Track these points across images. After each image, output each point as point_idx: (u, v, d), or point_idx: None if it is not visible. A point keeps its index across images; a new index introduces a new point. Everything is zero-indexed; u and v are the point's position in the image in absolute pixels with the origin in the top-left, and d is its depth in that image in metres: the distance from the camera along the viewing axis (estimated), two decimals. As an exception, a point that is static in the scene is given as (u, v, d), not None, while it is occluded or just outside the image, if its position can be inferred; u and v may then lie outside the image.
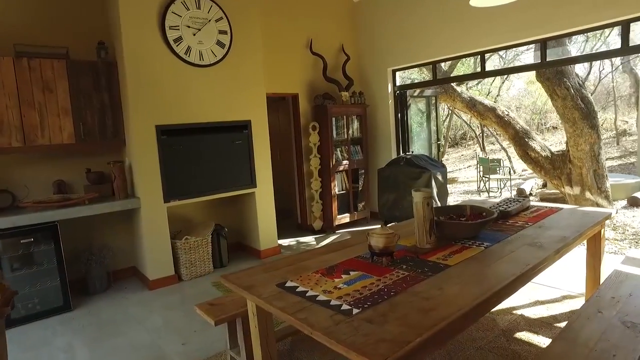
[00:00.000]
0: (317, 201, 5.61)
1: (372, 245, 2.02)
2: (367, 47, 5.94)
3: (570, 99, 5.12)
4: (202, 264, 4.21)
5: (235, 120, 4.35)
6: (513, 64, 11.29)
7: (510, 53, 11.29)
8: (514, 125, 6.11)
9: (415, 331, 1.36)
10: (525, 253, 2.05)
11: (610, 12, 3.61)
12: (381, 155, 6.03)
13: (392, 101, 5.85)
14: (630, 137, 13.78)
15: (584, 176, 5.43)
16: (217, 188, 4.24)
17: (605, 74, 13.34)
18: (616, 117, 14.04)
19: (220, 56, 4.16)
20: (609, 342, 1.78)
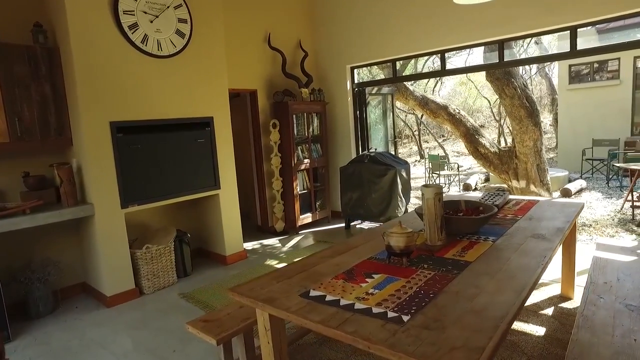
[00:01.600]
0: (279, 202, 5.41)
1: (392, 245, 1.92)
2: (325, 44, 5.85)
3: (517, 98, 5.46)
4: (166, 275, 3.82)
5: (197, 117, 4.01)
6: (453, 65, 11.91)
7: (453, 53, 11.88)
8: (465, 123, 6.40)
9: (482, 335, 1.28)
10: (534, 245, 2.08)
11: (559, 18, 3.88)
12: (341, 154, 5.98)
13: (351, 98, 5.82)
14: (546, 135, 15.26)
15: (528, 170, 5.83)
16: (179, 190, 3.88)
17: (526, 78, 14.61)
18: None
19: (180, 47, 3.81)
20: (623, 327, 1.86)
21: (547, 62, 8.50)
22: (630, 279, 2.36)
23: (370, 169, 5.11)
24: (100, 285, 3.53)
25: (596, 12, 3.69)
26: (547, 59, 5.12)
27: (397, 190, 4.99)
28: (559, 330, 2.59)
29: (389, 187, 5.00)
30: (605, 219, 5.44)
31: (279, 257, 4.52)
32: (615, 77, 8.70)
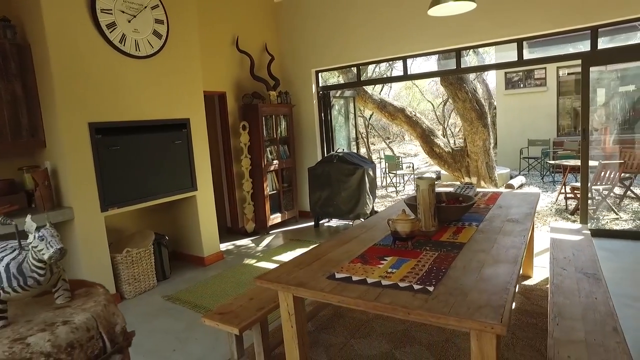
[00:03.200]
0: (249, 203, 5.47)
1: (399, 230, 2.14)
2: (290, 48, 6.01)
3: (469, 102, 6.00)
4: (146, 278, 3.76)
5: (174, 118, 4.00)
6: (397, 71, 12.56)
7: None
8: (421, 125, 6.87)
9: (498, 296, 1.52)
10: (512, 227, 2.41)
11: (508, 31, 4.38)
12: (307, 155, 6.16)
13: (316, 101, 6.03)
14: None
15: (479, 168, 6.41)
16: (158, 192, 3.84)
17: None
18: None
19: (157, 47, 3.78)
20: (585, 290, 2.23)
21: (498, 69, 9.30)
22: (582, 253, 2.79)
23: (339, 168, 5.34)
24: (79, 292, 3.40)
25: (538, 28, 4.21)
26: (500, 67, 5.68)
27: (366, 188, 5.27)
28: (526, 303, 2.97)
29: (358, 186, 5.27)
30: (545, 210, 6.12)
31: (256, 257, 4.59)
32: (543, 84, 9.73)
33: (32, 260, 1.29)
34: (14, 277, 1.27)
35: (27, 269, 1.29)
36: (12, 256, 1.30)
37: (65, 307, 1.39)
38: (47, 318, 1.30)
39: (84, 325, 1.26)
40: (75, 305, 1.39)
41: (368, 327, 2.81)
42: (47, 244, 1.27)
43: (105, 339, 1.29)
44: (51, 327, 1.23)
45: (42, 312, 1.36)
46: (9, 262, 1.29)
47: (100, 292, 1.49)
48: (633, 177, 5.91)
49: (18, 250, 1.32)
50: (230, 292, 3.61)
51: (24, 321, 1.29)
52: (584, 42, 4.09)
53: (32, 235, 1.29)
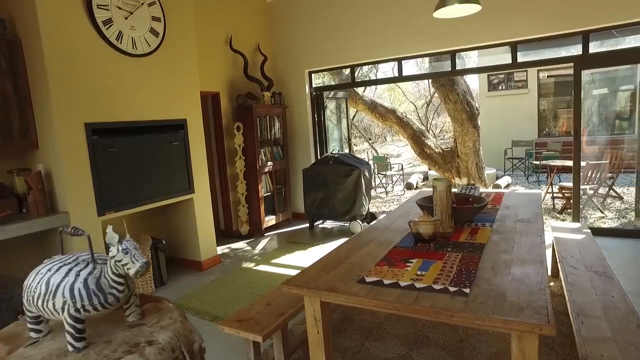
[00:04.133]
0: (244, 205, 5.38)
1: (422, 232, 2.12)
2: (283, 48, 5.95)
3: (460, 103, 6.08)
4: (144, 285, 3.63)
5: (171, 119, 3.88)
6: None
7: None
8: (412, 126, 6.93)
9: (536, 296, 1.53)
10: (526, 227, 2.44)
11: (503, 33, 4.46)
12: (300, 156, 6.11)
13: (309, 102, 5.99)
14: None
15: (469, 168, 6.51)
16: (155, 195, 3.71)
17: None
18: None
19: (154, 46, 3.66)
20: (600, 288, 2.27)
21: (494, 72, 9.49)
22: (588, 252, 2.85)
23: (335, 169, 5.32)
24: (74, 300, 3.24)
25: (532, 32, 4.31)
26: (495, 69, 5.76)
27: (362, 189, 5.26)
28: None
29: (354, 187, 5.25)
30: (532, 209, 6.27)
31: (253, 260, 4.51)
32: (524, 86, 10.00)
33: (112, 275, 1.19)
34: (94, 294, 1.16)
35: (105, 284, 1.18)
36: (88, 271, 1.19)
37: (139, 325, 1.29)
38: (126, 338, 1.21)
39: (169, 345, 1.18)
40: (151, 323, 1.30)
41: (381, 330, 2.79)
42: (132, 258, 1.17)
43: (187, 359, 1.21)
44: (137, 347, 1.14)
45: (117, 331, 1.26)
46: (86, 278, 1.17)
47: (171, 308, 1.40)
48: (615, 176, 6.13)
49: (92, 264, 1.21)
50: (233, 297, 3.52)
51: (103, 342, 1.20)
52: (576, 46, 4.20)
53: (114, 247, 1.18)
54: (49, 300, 1.14)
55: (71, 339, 1.14)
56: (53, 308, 1.14)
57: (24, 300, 1.21)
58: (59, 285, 1.14)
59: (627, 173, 7.37)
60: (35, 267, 1.24)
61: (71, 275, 1.17)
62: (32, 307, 1.19)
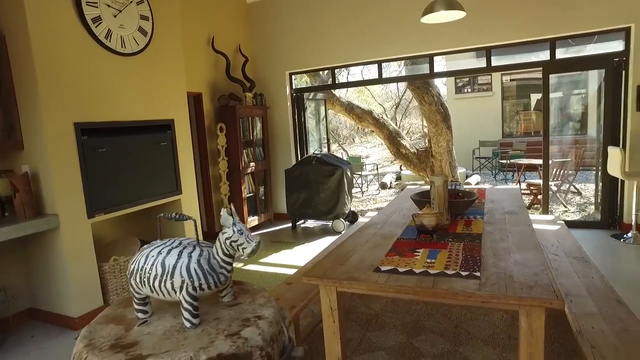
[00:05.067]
0: (226, 206, 5.36)
1: (425, 224, 2.26)
2: (264, 50, 5.99)
3: (435, 105, 6.35)
4: (135, 287, 3.57)
5: (159, 119, 3.84)
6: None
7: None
8: (388, 127, 7.14)
9: (540, 276, 1.69)
10: (514, 218, 2.64)
11: (477, 39, 4.73)
12: (281, 157, 6.16)
13: (290, 103, 6.05)
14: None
15: (443, 167, 6.79)
16: (144, 197, 3.66)
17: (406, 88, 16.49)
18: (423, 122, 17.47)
19: (142, 45, 3.62)
20: (581, 271, 2.50)
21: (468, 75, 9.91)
22: (565, 241, 3.10)
23: (317, 169, 5.41)
24: (64, 307, 3.15)
25: (504, 38, 4.60)
26: (469, 72, 6.09)
27: (345, 188, 5.39)
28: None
29: (337, 186, 5.37)
30: (502, 205, 6.64)
31: (241, 260, 4.52)
32: (489, 89, 10.53)
33: (222, 256, 1.25)
34: (208, 274, 1.22)
35: (216, 265, 1.24)
36: (198, 253, 1.24)
37: (236, 304, 1.36)
38: (233, 315, 1.28)
39: (274, 319, 1.26)
40: (247, 302, 1.37)
41: (379, 321, 2.91)
42: (246, 238, 1.22)
43: (287, 332, 1.30)
44: (249, 322, 1.22)
45: (219, 310, 1.32)
46: (198, 259, 1.22)
47: (258, 289, 1.49)
48: (575, 174, 6.61)
49: (198, 247, 1.26)
50: (228, 296, 3.53)
51: (212, 319, 1.26)
52: (544, 51, 4.53)
53: (229, 229, 1.24)
54: (166, 280, 1.20)
55: (189, 316, 1.20)
56: (171, 287, 1.20)
57: (133, 282, 1.26)
58: (174, 266, 1.20)
59: (583, 170, 7.95)
60: (139, 253, 1.29)
61: (184, 257, 1.22)
62: (145, 288, 1.24)
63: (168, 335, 1.18)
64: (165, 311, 1.35)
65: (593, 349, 1.69)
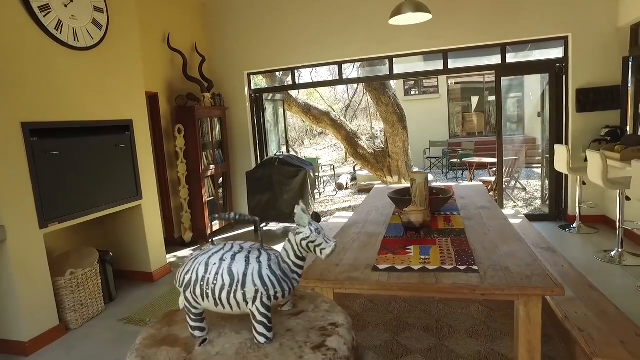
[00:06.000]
0: (186, 211, 5.11)
1: (412, 221, 2.29)
2: (221, 49, 5.79)
3: (391, 106, 6.51)
4: (94, 302, 3.27)
5: (117, 119, 3.57)
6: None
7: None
8: (345, 128, 7.20)
9: (533, 267, 1.77)
10: (489, 213, 2.76)
11: (435, 42, 4.92)
12: (241, 159, 5.99)
13: (249, 104, 5.91)
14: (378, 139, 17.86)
15: (399, 167, 6.98)
16: (102, 203, 3.37)
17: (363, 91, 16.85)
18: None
19: (97, 39, 3.34)
20: (550, 260, 2.66)
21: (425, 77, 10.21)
22: (530, 232, 3.30)
23: (280, 171, 5.32)
24: (12, 331, 2.80)
25: (459, 42, 4.82)
26: (427, 74, 6.29)
27: (308, 189, 5.35)
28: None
29: (300, 187, 5.31)
30: (455, 202, 6.96)
31: (207, 267, 4.32)
32: (436, 92, 11.01)
33: (294, 259, 1.10)
34: (282, 280, 1.07)
35: (287, 270, 1.09)
36: (266, 257, 1.08)
37: (300, 312, 1.22)
38: (305, 324, 1.15)
39: (348, 325, 1.16)
40: (311, 309, 1.24)
41: (361, 320, 2.90)
42: (324, 238, 1.07)
43: (354, 335, 1.18)
44: (327, 331, 1.11)
45: (285, 320, 1.18)
46: (269, 264, 1.06)
47: (314, 295, 1.36)
48: (519, 171, 7.09)
49: (262, 250, 1.11)
50: (199, 306, 3.35)
51: (284, 331, 1.12)
52: (496, 56, 4.81)
53: (306, 228, 1.08)
54: (237, 290, 1.04)
55: (263, 330, 1.05)
56: (242, 299, 1.04)
57: (190, 296, 1.07)
58: (245, 273, 1.04)
59: (526, 168, 8.57)
60: (191, 262, 1.10)
61: (253, 263, 1.06)
62: (207, 301, 1.06)
63: (243, 354, 1.02)
64: (220, 326, 1.17)
65: (582, 332, 1.80)
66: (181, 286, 1.09)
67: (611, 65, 4.40)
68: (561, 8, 4.46)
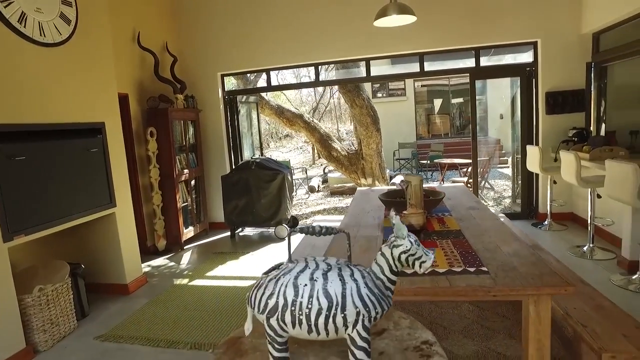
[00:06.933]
0: (160, 217, 4.88)
1: (413, 223, 2.27)
2: (193, 49, 5.58)
3: (365, 108, 6.54)
4: (66, 320, 3.02)
5: (88, 122, 3.33)
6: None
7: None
8: (319, 130, 7.16)
9: (539, 266, 1.79)
10: (480, 213, 2.80)
11: (411, 45, 4.99)
12: (215, 162, 5.81)
13: (222, 106, 5.74)
14: (345, 143, 17.98)
15: (373, 169, 7.02)
16: (73, 212, 3.13)
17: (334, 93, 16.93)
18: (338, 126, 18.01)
19: (66, 35, 3.10)
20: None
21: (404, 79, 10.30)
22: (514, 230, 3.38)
23: (258, 174, 5.20)
24: (-26, 354, 2.54)
25: (435, 45, 4.92)
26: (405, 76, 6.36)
27: (286, 193, 5.26)
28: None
29: (278, 191, 5.21)
30: (428, 202, 7.09)
31: (185, 275, 4.14)
32: (404, 94, 11.23)
33: (389, 275, 1.00)
34: (381, 299, 0.97)
35: (381, 287, 0.99)
36: (360, 274, 0.97)
37: (381, 331, 1.19)
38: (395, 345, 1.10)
39: (437, 342, 1.12)
40: (392, 327, 1.20)
41: (355, 325, 2.86)
42: (424, 250, 0.99)
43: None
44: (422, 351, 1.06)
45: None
46: (366, 282, 0.96)
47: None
48: (488, 171, 7.34)
49: (351, 266, 1.00)
50: (181, 317, 3.19)
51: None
52: (471, 59, 4.94)
53: (406, 240, 0.99)
54: (336, 314, 0.92)
55: (364, 356, 0.94)
56: (342, 323, 0.92)
57: (276, 323, 0.95)
58: (343, 294, 0.93)
59: (492, 168, 8.88)
60: (273, 284, 0.97)
61: (350, 282, 0.94)
62: (299, 328, 0.94)
63: None
64: (300, 354, 1.04)
65: (585, 328, 1.84)
66: (263, 312, 0.96)
67: (576, 70, 4.63)
68: (531, 15, 4.65)
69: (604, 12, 4.15)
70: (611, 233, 4.02)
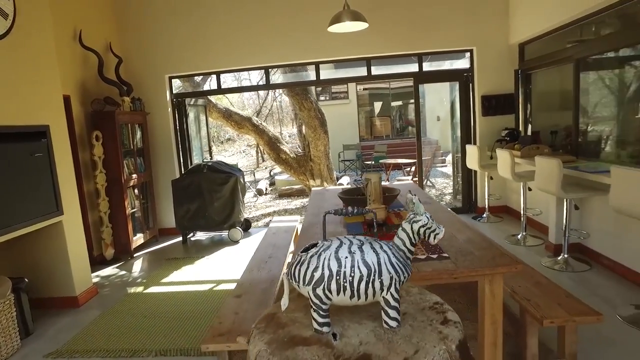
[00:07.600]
0: (107, 225, 4.65)
1: (377, 218, 2.43)
2: (140, 50, 5.38)
3: (313, 111, 6.69)
4: (9, 340, 2.80)
5: (31, 125, 3.12)
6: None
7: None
8: (267, 133, 7.19)
9: (492, 250, 2.02)
10: (433, 207, 3.04)
11: (358, 50, 5.23)
12: (164, 166, 5.64)
13: (170, 109, 5.59)
14: (289, 145, 18.05)
15: (322, 170, 7.19)
16: (15, 222, 2.92)
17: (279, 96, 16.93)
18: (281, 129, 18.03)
19: (3, 30, 2.90)
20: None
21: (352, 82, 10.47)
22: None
23: (210, 178, 5.14)
24: None
25: (380, 50, 5.20)
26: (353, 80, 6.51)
27: (239, 196, 5.25)
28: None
29: (231, 194, 5.19)
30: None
31: (139, 284, 3.99)
32: (346, 97, 11.57)
33: (409, 246, 1.15)
34: (406, 267, 1.12)
35: (403, 256, 1.14)
36: (386, 246, 1.10)
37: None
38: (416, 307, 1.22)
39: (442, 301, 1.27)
40: (404, 295, 1.31)
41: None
42: (436, 224, 1.13)
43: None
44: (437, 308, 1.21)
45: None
46: (393, 252, 1.10)
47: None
48: (429, 170, 7.82)
49: (377, 241, 1.14)
50: (142, 326, 3.09)
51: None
52: (414, 64, 5.28)
53: (424, 216, 1.15)
54: (374, 280, 1.08)
55: (397, 314, 1.11)
56: (379, 287, 1.08)
57: (321, 292, 1.07)
58: (379, 263, 1.09)
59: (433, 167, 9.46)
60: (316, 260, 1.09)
61: (382, 253, 1.09)
62: (342, 294, 1.08)
63: (387, 339, 1.05)
64: (336, 320, 1.16)
65: (529, 301, 2.11)
66: (309, 284, 1.08)
67: (507, 76, 5.14)
68: (467, 26, 5.08)
69: (527, 26, 4.66)
70: (539, 222, 4.51)
